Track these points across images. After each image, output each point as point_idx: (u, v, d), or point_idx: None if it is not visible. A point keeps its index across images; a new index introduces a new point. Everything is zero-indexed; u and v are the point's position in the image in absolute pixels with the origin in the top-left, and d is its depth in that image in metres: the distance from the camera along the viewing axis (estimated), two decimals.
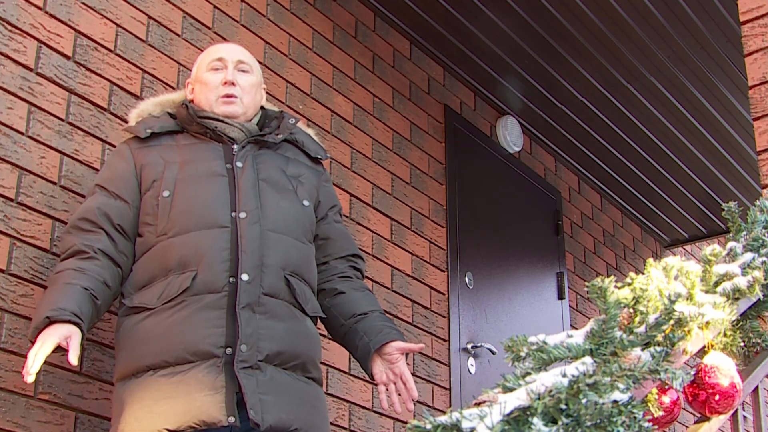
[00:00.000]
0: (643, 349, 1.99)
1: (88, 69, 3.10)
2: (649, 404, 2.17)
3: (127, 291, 2.62)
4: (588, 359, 1.86)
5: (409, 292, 4.29)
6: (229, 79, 2.78)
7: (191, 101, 2.84)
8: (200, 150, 2.73)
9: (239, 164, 2.69)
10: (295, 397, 2.54)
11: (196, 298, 2.51)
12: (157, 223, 2.62)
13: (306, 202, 2.76)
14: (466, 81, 4.99)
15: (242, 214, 2.60)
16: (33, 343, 2.42)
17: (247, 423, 2.42)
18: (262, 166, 2.73)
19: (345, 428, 3.74)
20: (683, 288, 2.25)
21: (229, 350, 2.47)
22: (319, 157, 2.89)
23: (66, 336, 2.41)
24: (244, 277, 2.53)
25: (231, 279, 2.53)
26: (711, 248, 2.38)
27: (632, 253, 6.32)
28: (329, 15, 4.21)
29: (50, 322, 2.41)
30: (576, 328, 3.37)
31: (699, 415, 2.30)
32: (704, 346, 2.29)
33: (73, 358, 2.39)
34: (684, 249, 6.84)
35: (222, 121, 2.75)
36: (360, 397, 3.85)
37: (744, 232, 2.55)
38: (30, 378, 2.37)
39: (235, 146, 2.73)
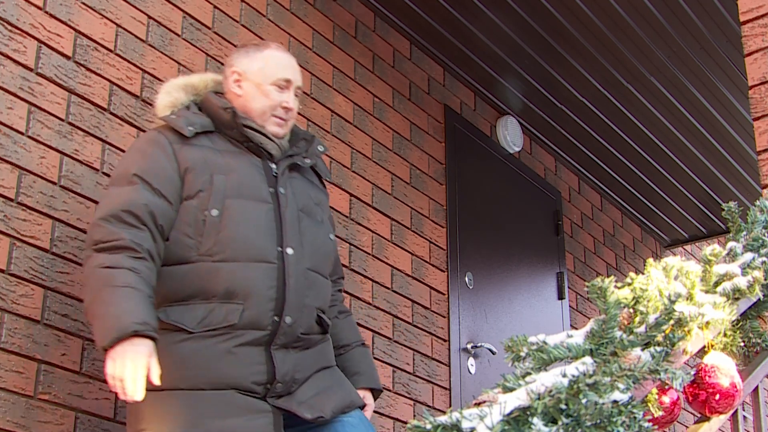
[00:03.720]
0: (643, 349, 1.99)
1: (88, 69, 3.10)
2: (649, 404, 2.17)
3: (156, 300, 2.53)
4: (588, 359, 1.86)
5: (409, 292, 4.29)
6: (292, 106, 2.72)
7: (237, 96, 2.72)
8: (242, 163, 2.65)
9: (282, 190, 2.65)
10: (329, 383, 2.64)
11: (240, 333, 2.49)
12: (202, 241, 2.53)
13: (332, 236, 2.78)
14: (466, 81, 4.99)
15: (289, 250, 2.58)
16: (110, 348, 2.34)
17: None
18: (297, 192, 2.70)
19: None
20: (683, 288, 2.25)
21: (269, 386, 2.50)
22: (328, 180, 2.87)
23: (150, 355, 2.36)
24: (288, 319, 2.54)
25: (275, 318, 2.53)
26: (711, 248, 2.38)
27: (632, 253, 6.32)
28: (329, 15, 4.21)
29: (133, 334, 2.34)
30: (576, 328, 3.37)
31: (699, 415, 2.30)
32: (704, 346, 2.29)
33: (156, 377, 2.35)
34: (684, 249, 6.84)
35: (266, 136, 2.69)
36: None
37: (744, 232, 2.55)
38: (139, 397, 2.33)
39: (273, 166, 2.68)
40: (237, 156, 2.65)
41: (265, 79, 2.71)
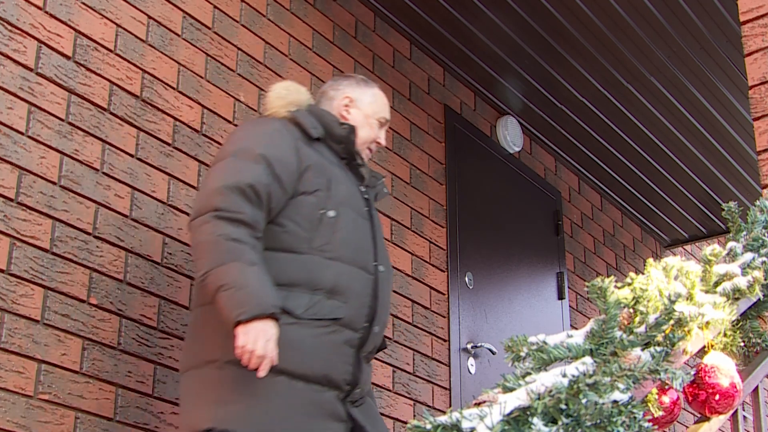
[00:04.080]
0: (643, 349, 1.99)
1: (88, 69, 3.10)
2: (649, 404, 2.17)
3: None
4: (588, 359, 1.86)
5: (409, 292, 4.29)
6: (383, 143, 3.00)
7: (344, 119, 2.90)
8: (347, 178, 2.80)
9: (373, 212, 2.85)
10: (376, 415, 2.80)
11: (339, 329, 2.62)
12: (315, 237, 2.65)
13: None
14: (466, 81, 4.99)
15: (381, 267, 2.77)
16: (245, 322, 2.42)
17: None
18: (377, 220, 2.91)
19: None
20: (683, 288, 2.25)
21: (348, 387, 2.63)
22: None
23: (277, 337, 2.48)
24: (376, 329, 2.72)
25: (366, 325, 2.68)
26: (711, 248, 2.38)
27: (632, 253, 6.32)
28: (329, 15, 4.21)
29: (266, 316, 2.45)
30: (576, 328, 3.37)
31: (699, 415, 2.30)
32: (704, 346, 2.29)
33: (277, 359, 2.45)
34: (684, 249, 6.84)
35: (363, 160, 2.90)
36: None
37: (744, 232, 2.55)
38: (263, 374, 2.43)
39: (362, 188, 2.86)
40: (342, 170, 2.81)
41: (374, 113, 2.96)
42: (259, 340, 2.41)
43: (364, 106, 2.95)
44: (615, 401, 1.74)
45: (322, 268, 2.62)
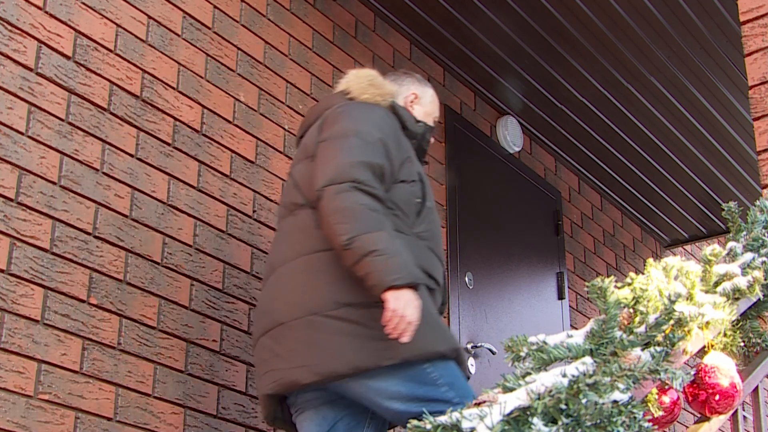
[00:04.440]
0: (643, 349, 1.99)
1: (88, 69, 3.10)
2: (649, 404, 2.17)
3: None
4: (588, 359, 1.87)
5: None
6: (431, 141, 3.10)
7: (409, 112, 2.99)
8: (424, 173, 2.93)
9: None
10: None
11: (432, 305, 2.76)
12: (416, 222, 2.81)
13: None
14: (466, 81, 4.99)
15: (443, 263, 2.92)
16: (396, 288, 2.52)
17: None
18: None
19: None
20: (683, 288, 2.25)
21: None
22: None
23: None
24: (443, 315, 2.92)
25: (439, 310, 2.85)
26: (711, 248, 2.38)
27: (632, 253, 6.31)
28: (329, 15, 4.21)
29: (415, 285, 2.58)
30: (576, 328, 3.37)
31: (699, 415, 2.30)
32: (704, 346, 2.29)
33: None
34: (684, 249, 6.83)
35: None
36: None
37: (744, 232, 2.55)
38: (407, 339, 2.52)
39: None
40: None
41: (432, 111, 3.09)
42: (409, 307, 2.51)
43: (425, 104, 3.07)
44: (615, 401, 1.74)
45: (421, 251, 2.76)
